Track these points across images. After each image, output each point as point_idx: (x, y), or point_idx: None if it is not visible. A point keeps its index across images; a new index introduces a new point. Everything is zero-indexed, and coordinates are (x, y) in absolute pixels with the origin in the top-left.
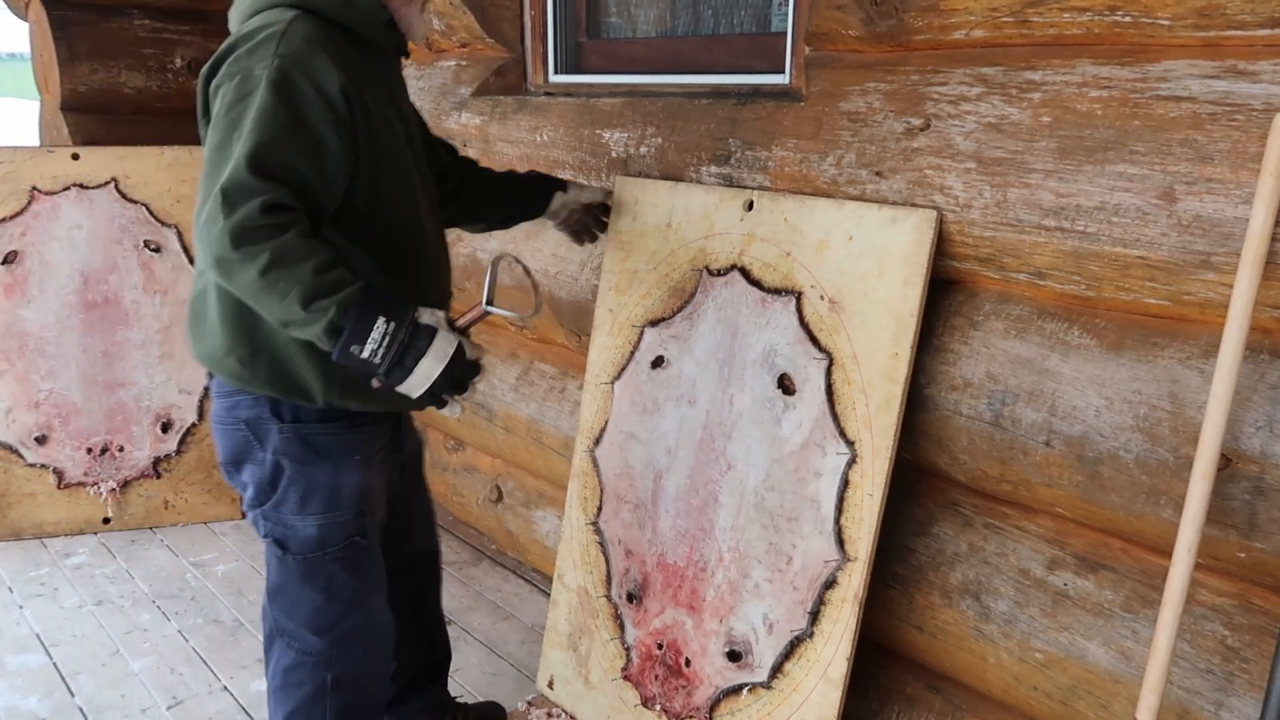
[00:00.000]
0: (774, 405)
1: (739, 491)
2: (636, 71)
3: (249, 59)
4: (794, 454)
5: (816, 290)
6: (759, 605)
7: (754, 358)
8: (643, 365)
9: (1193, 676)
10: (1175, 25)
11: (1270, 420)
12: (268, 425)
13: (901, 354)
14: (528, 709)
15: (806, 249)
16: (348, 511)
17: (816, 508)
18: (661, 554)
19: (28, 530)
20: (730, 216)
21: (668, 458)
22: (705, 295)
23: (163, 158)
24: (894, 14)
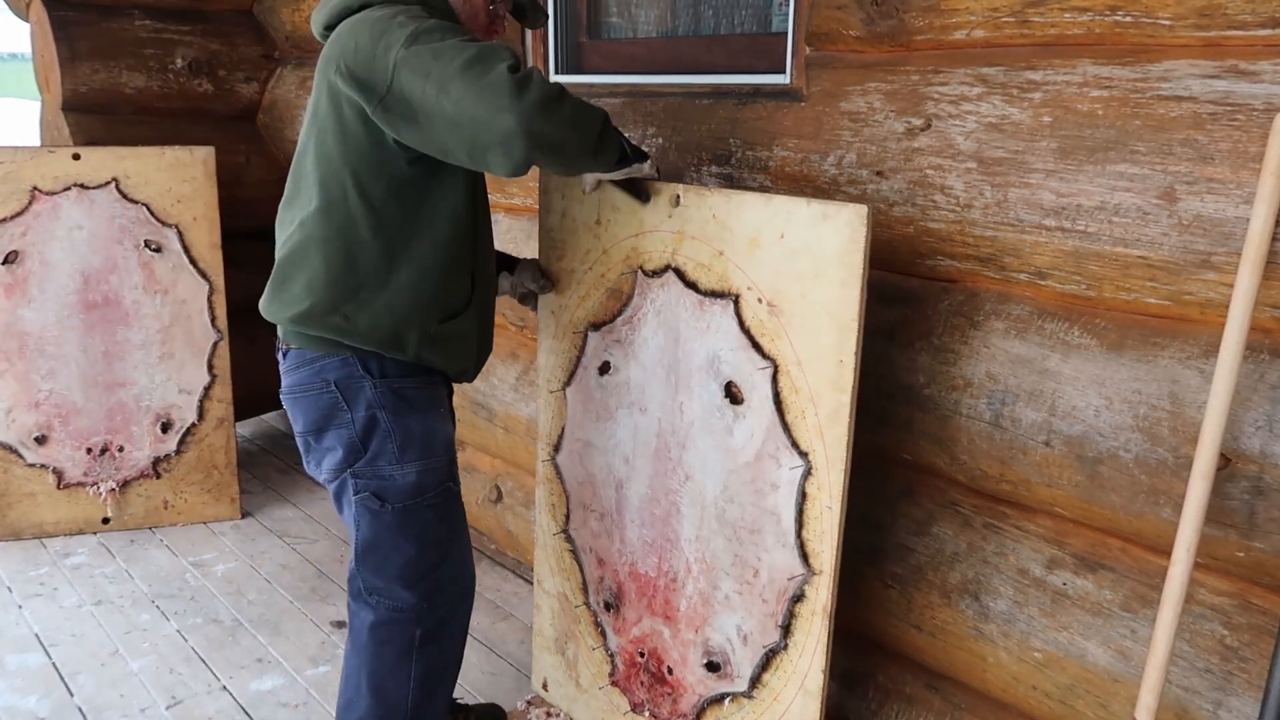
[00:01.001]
0: (724, 414)
1: (699, 503)
2: (637, 72)
3: (404, 20)
4: (749, 465)
5: (754, 292)
6: (731, 617)
7: (699, 364)
8: (590, 371)
9: (1191, 676)
10: (1176, 25)
11: (1270, 420)
12: (359, 383)
13: (846, 361)
14: (527, 708)
15: (739, 248)
16: (441, 457)
17: (777, 521)
18: (632, 564)
19: (27, 530)
20: (658, 213)
21: (626, 467)
22: (643, 297)
23: (163, 158)
24: (894, 14)
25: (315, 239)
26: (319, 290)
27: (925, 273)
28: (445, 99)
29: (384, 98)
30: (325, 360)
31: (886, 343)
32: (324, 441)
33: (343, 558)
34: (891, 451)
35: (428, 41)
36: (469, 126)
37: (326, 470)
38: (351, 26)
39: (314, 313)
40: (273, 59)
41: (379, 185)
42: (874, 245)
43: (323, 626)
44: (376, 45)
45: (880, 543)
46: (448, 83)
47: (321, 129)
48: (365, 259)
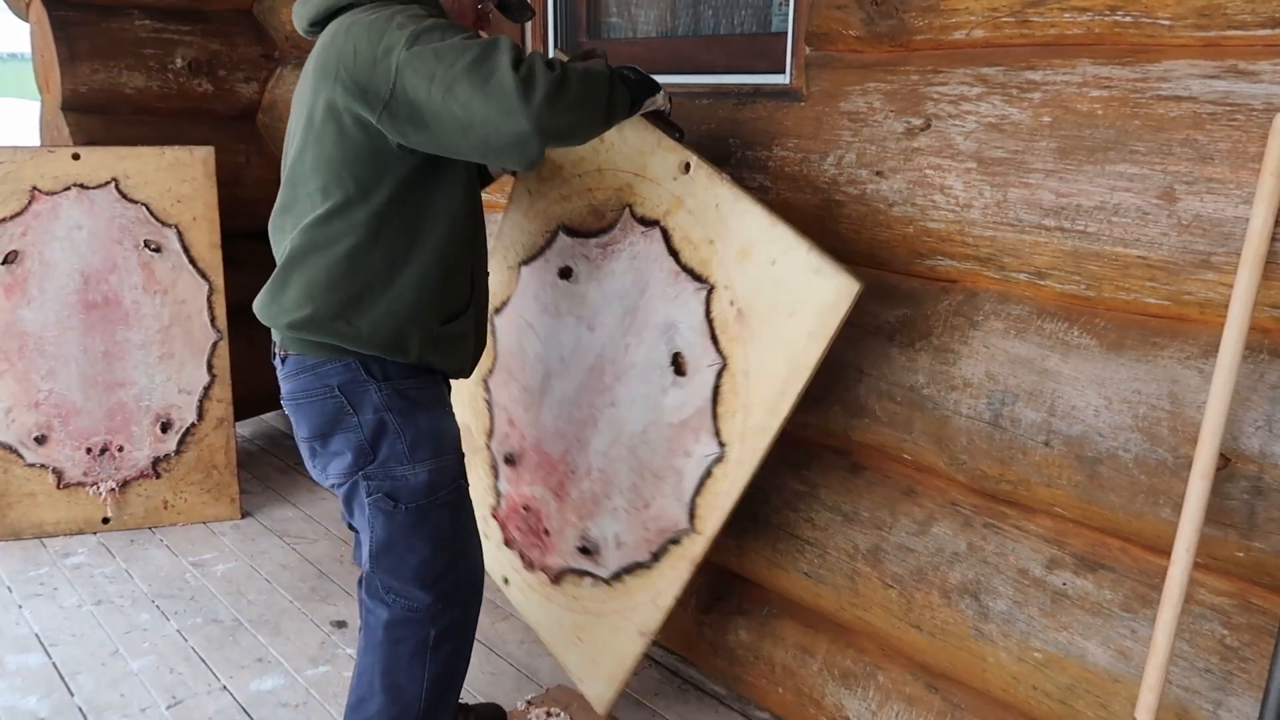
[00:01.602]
0: (664, 376)
1: (617, 428)
2: None
3: (405, 19)
4: (672, 426)
5: (730, 293)
6: (614, 524)
7: (656, 322)
8: (551, 266)
9: (1191, 676)
10: (1176, 25)
11: (1269, 420)
12: (364, 386)
13: (788, 395)
14: (527, 708)
15: (730, 248)
16: (452, 455)
17: (679, 479)
18: (540, 440)
19: (27, 530)
20: (665, 168)
21: (560, 364)
22: (624, 235)
23: (163, 158)
24: (894, 14)
25: (316, 245)
26: (319, 296)
27: (925, 273)
28: (453, 101)
29: (388, 103)
30: (327, 365)
31: (886, 342)
32: (330, 446)
33: (343, 558)
34: (891, 451)
35: (428, 41)
36: (479, 129)
37: (334, 475)
38: (347, 30)
39: (314, 319)
40: (272, 59)
41: (381, 191)
42: (874, 245)
43: (323, 626)
44: (376, 49)
45: (880, 543)
46: (453, 84)
47: (320, 136)
48: (366, 264)
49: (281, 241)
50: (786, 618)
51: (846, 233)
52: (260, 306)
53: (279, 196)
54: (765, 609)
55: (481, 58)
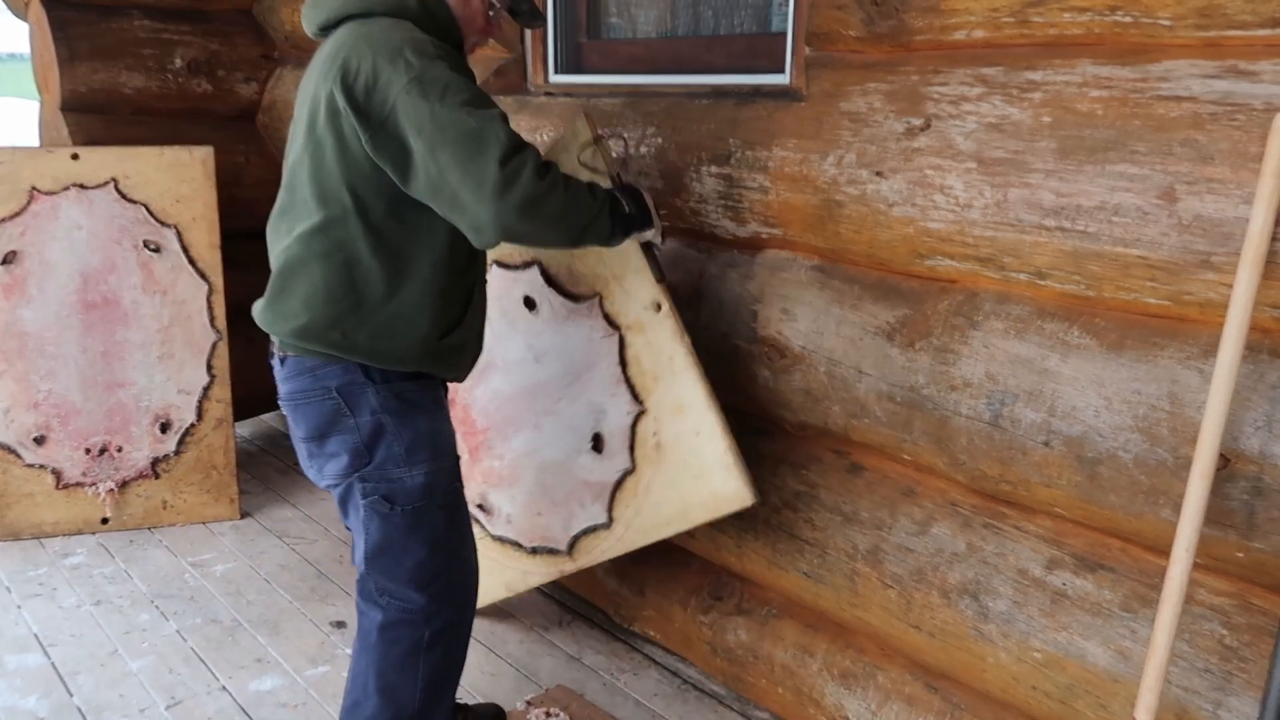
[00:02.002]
0: (584, 441)
1: (535, 445)
2: (637, 72)
3: (414, 58)
4: (578, 479)
5: (656, 424)
6: (509, 505)
7: (592, 400)
8: (520, 286)
9: (1191, 676)
10: (1176, 25)
11: (1269, 420)
12: (361, 389)
13: (666, 530)
14: (527, 708)
15: (669, 396)
16: (449, 457)
17: (569, 518)
18: (469, 404)
19: (26, 530)
20: (640, 292)
21: (502, 363)
22: (589, 317)
23: (162, 158)
24: (894, 14)
25: (314, 255)
26: (317, 306)
27: (925, 273)
28: (431, 162)
29: (376, 133)
30: (326, 367)
31: (886, 342)
32: (327, 447)
33: (343, 558)
34: (891, 451)
35: (428, 92)
36: (448, 197)
37: (330, 475)
38: (355, 44)
39: (312, 328)
40: (272, 59)
41: (379, 204)
42: (874, 245)
43: (322, 626)
44: (379, 78)
45: (880, 543)
46: (438, 148)
47: (319, 143)
48: (364, 277)
49: (278, 245)
50: (786, 618)
51: (846, 233)
52: (259, 312)
53: (278, 198)
54: (765, 609)
55: (475, 135)
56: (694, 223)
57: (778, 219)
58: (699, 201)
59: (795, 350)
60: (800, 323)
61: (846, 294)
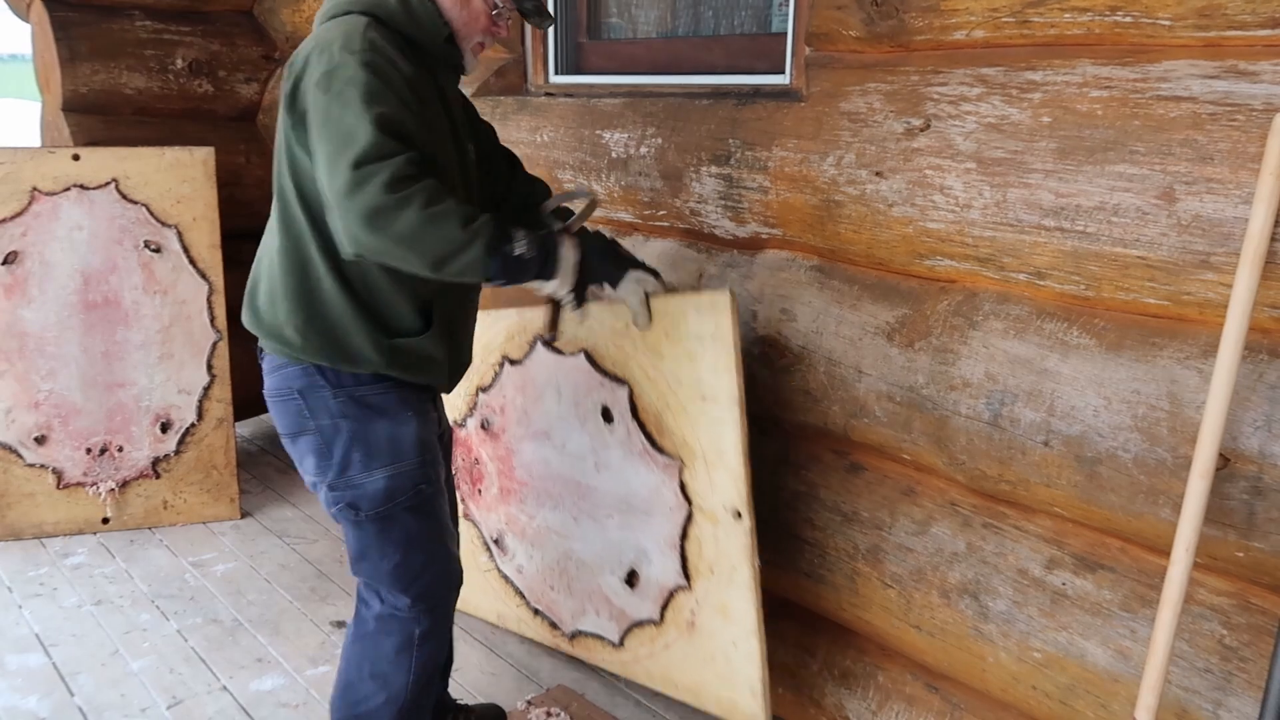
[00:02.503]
0: (616, 569)
1: (565, 534)
2: (637, 72)
3: (338, 52)
4: (604, 598)
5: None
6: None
7: (637, 536)
8: (595, 399)
9: (1191, 676)
10: (1176, 25)
11: (1269, 420)
12: (320, 392)
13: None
14: (527, 708)
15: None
16: (411, 460)
17: (576, 614)
18: (510, 451)
19: (27, 530)
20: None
21: (559, 441)
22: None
23: (163, 158)
24: (894, 14)
25: (273, 251)
26: (277, 302)
27: (924, 273)
28: (319, 152)
29: (298, 127)
30: (289, 368)
31: (886, 342)
32: (298, 446)
33: (342, 558)
34: (891, 451)
35: (330, 85)
36: (325, 196)
37: (306, 474)
38: (305, 42)
39: (273, 325)
40: (273, 60)
41: (318, 200)
42: (873, 245)
43: (322, 626)
44: (305, 73)
45: (880, 543)
46: (318, 143)
47: (280, 142)
48: (314, 275)
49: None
50: (786, 618)
51: (846, 233)
52: (244, 312)
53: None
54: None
55: (346, 133)
56: (694, 223)
57: (777, 219)
58: (699, 201)
59: (795, 350)
60: (800, 322)
61: (846, 294)
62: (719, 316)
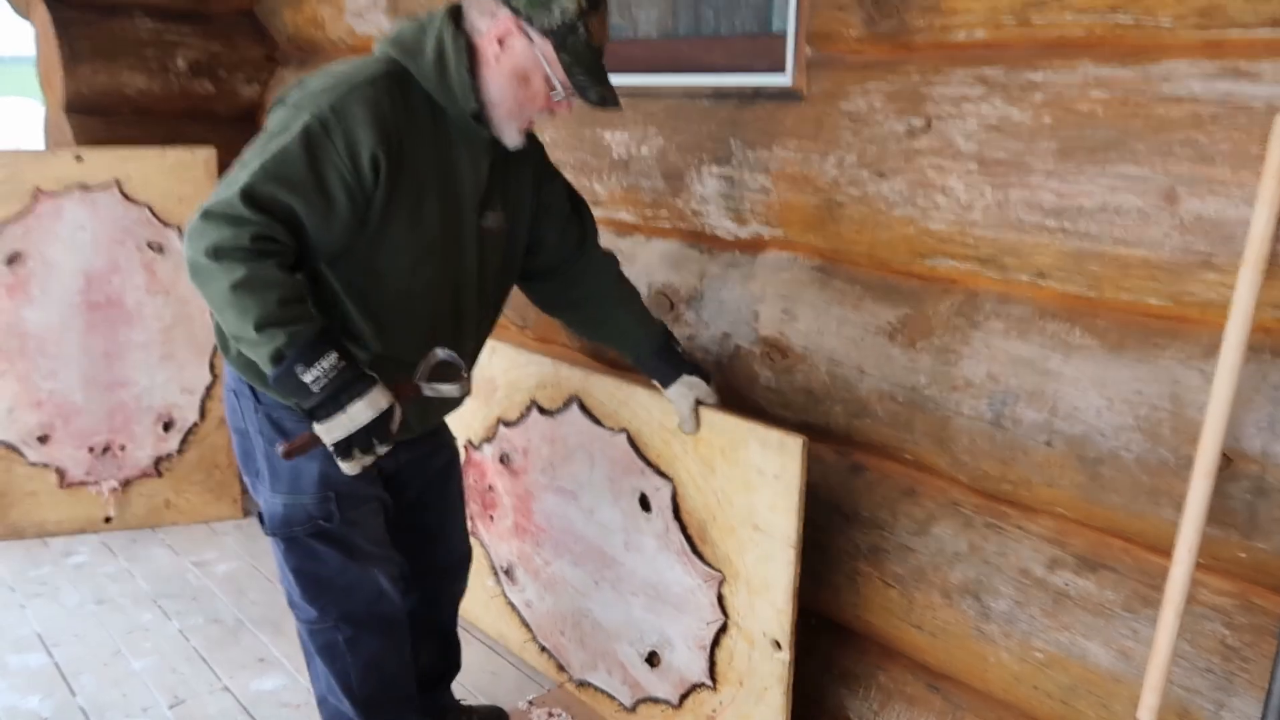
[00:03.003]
0: (635, 644)
1: (583, 594)
2: (637, 71)
3: (309, 99)
4: (620, 664)
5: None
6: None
7: (664, 624)
8: (633, 484)
9: (1193, 676)
10: (1177, 26)
11: (1271, 420)
12: (246, 403)
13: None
14: (529, 708)
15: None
16: (309, 495)
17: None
18: (530, 492)
19: (29, 529)
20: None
21: (588, 506)
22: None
23: (165, 159)
24: (895, 14)
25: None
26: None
27: (925, 273)
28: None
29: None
30: (229, 373)
31: (887, 342)
32: (237, 442)
33: None
34: (892, 451)
35: (269, 132)
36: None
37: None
38: (336, 66)
39: (220, 332)
40: (274, 60)
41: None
42: (875, 245)
43: None
44: (299, 85)
45: (881, 543)
46: (235, 179)
47: None
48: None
49: None
50: None
51: (847, 233)
52: None
53: None
54: None
55: (223, 182)
56: (695, 223)
57: (779, 219)
58: (700, 202)
59: (796, 350)
60: (801, 323)
61: (848, 294)
62: (787, 460)
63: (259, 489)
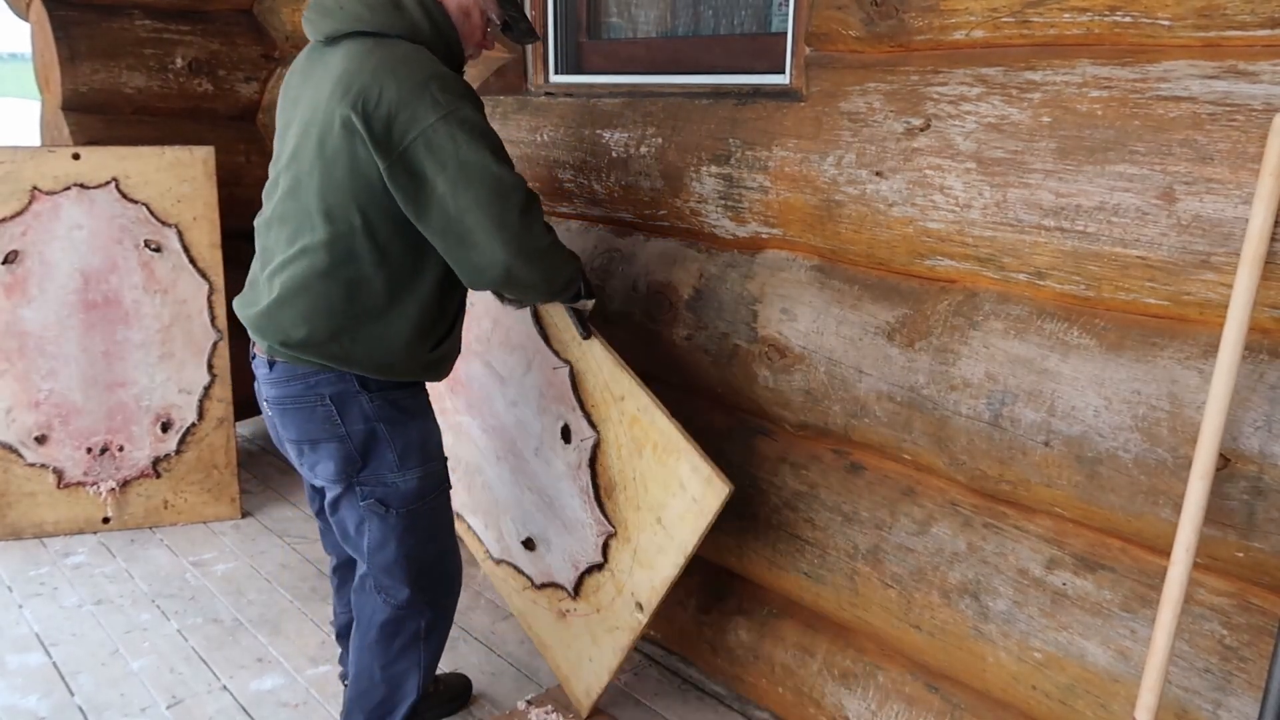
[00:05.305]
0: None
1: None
2: (637, 72)
3: (441, 96)
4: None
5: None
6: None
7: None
8: (558, 414)
9: (1191, 676)
10: (1175, 25)
11: (1269, 420)
12: (354, 396)
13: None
14: (527, 708)
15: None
16: (438, 460)
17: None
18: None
19: (27, 530)
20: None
21: (498, 401)
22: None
23: (163, 157)
24: (894, 14)
25: (318, 271)
26: (316, 320)
27: (924, 273)
28: (451, 201)
29: (394, 164)
30: (319, 375)
31: (886, 342)
32: (318, 451)
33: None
34: (891, 451)
35: (456, 133)
36: (458, 235)
37: (322, 477)
38: (375, 71)
39: (310, 341)
40: (273, 59)
41: (386, 224)
42: (874, 245)
43: (323, 626)
44: (401, 110)
45: (880, 543)
46: (461, 189)
47: (332, 161)
48: (366, 293)
49: (277, 254)
50: (786, 618)
51: (846, 233)
52: (254, 319)
53: (275, 201)
54: (765, 609)
55: (499, 180)
56: (694, 223)
57: (778, 219)
58: (699, 201)
59: (795, 350)
60: (800, 322)
61: (846, 294)
62: (710, 494)
63: (377, 475)
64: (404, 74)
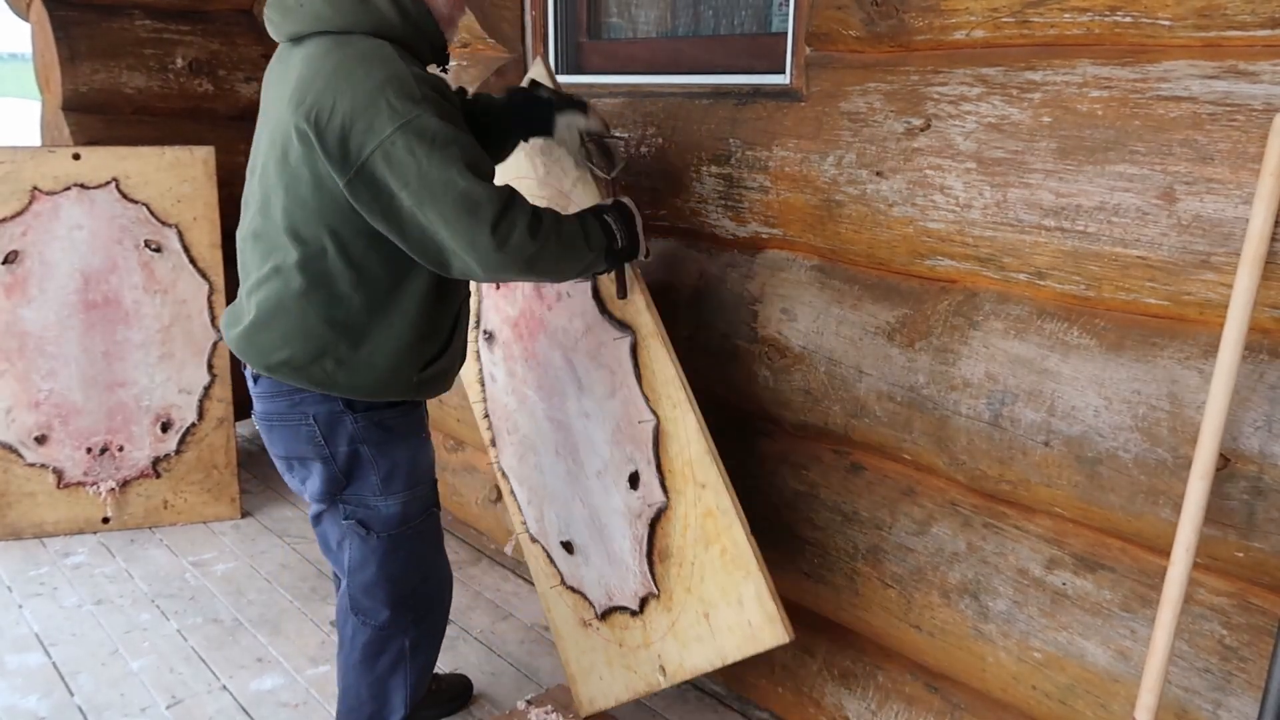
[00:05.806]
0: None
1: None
2: (637, 72)
3: (398, 103)
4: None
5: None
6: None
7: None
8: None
9: (1191, 676)
10: (1175, 25)
11: (1269, 420)
12: (340, 417)
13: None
14: (527, 708)
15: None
16: (425, 484)
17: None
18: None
19: (27, 530)
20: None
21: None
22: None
23: (163, 158)
24: (894, 14)
25: (293, 292)
26: (296, 343)
27: (924, 273)
28: (419, 216)
29: (352, 179)
30: (304, 393)
31: (886, 342)
32: (305, 468)
33: None
34: (891, 451)
35: (414, 145)
36: (434, 251)
37: (309, 493)
38: (330, 79)
39: (291, 363)
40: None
41: (359, 240)
42: (874, 245)
43: (323, 626)
44: (355, 123)
45: (880, 543)
46: (426, 205)
47: (295, 176)
48: (345, 313)
49: (252, 272)
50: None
51: (846, 233)
52: (235, 340)
53: (250, 215)
54: None
55: (466, 196)
56: (694, 223)
57: (778, 219)
58: (699, 201)
59: (795, 350)
60: (800, 322)
61: (846, 294)
62: (766, 635)
63: (359, 497)
64: (359, 78)
